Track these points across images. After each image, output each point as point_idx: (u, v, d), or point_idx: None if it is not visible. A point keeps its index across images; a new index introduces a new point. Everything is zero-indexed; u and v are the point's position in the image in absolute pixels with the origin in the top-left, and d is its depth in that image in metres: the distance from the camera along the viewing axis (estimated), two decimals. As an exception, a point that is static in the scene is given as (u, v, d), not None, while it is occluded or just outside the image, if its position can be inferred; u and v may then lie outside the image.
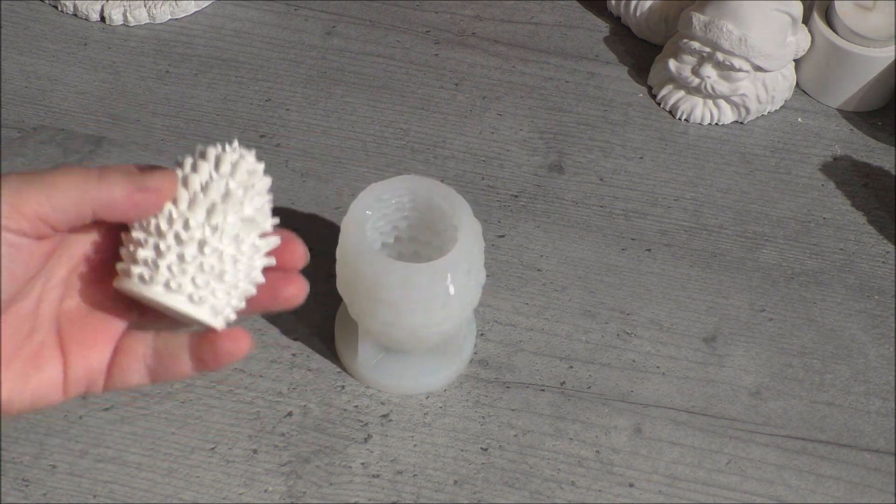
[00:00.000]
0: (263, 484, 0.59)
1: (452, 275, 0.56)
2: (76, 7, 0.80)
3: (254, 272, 0.44)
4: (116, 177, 0.41)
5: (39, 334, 0.43)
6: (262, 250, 0.44)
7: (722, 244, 0.71)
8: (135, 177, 0.41)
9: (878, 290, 0.70)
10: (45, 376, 0.42)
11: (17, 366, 0.42)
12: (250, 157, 0.44)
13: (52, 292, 0.43)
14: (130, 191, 0.41)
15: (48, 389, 0.42)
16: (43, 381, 0.42)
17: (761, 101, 0.77)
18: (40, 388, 0.42)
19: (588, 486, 0.61)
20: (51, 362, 0.43)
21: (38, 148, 0.73)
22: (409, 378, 0.63)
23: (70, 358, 0.43)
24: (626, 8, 0.82)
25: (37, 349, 0.43)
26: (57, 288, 0.43)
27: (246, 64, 0.79)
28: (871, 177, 0.76)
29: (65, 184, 0.40)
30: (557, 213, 0.72)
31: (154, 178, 0.41)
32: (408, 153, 0.75)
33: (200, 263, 0.42)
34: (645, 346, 0.66)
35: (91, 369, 0.43)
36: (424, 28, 0.82)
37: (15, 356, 0.42)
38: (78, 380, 0.43)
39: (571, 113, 0.78)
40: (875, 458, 0.63)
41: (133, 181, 0.41)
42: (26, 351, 0.42)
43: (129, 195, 0.41)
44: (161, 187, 0.41)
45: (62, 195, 0.40)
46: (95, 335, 0.43)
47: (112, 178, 0.41)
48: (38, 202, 0.40)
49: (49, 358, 0.43)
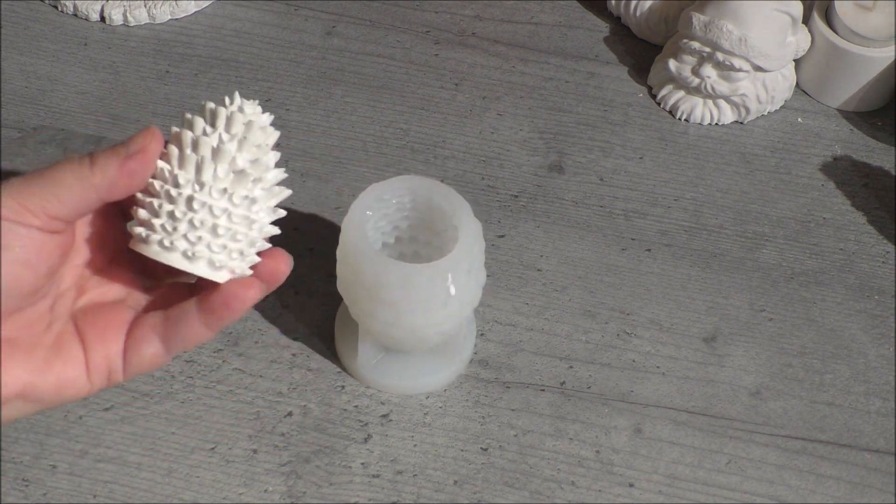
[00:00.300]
0: (263, 484, 0.59)
1: (453, 275, 0.57)
2: (76, 7, 0.80)
3: (256, 223, 0.44)
4: (105, 156, 0.42)
5: (58, 325, 0.45)
6: (263, 201, 0.44)
7: (722, 244, 0.71)
8: (119, 149, 0.43)
9: (878, 290, 0.70)
10: (67, 362, 0.44)
11: (38, 353, 0.43)
12: (249, 109, 0.44)
13: (66, 294, 0.45)
14: (121, 162, 0.42)
15: (72, 375, 0.44)
16: (66, 366, 0.44)
17: (761, 101, 0.77)
18: (64, 374, 0.44)
19: (588, 486, 0.61)
20: (72, 349, 0.44)
21: (38, 148, 0.73)
22: (409, 378, 0.63)
23: (89, 347, 0.44)
24: (626, 8, 0.82)
25: (57, 338, 0.44)
26: (70, 290, 0.45)
27: (246, 64, 0.79)
28: (871, 177, 0.76)
29: (64, 177, 0.42)
30: (557, 213, 0.72)
31: (136, 141, 0.43)
32: (408, 153, 0.75)
33: (191, 220, 0.43)
34: (645, 346, 0.66)
35: (109, 356, 0.44)
36: (424, 28, 0.82)
37: (36, 345, 0.44)
38: (99, 367, 0.44)
39: (571, 113, 0.78)
40: (875, 458, 0.63)
41: (119, 153, 0.42)
42: (47, 339, 0.44)
43: (121, 166, 0.42)
44: (146, 145, 0.43)
45: (65, 189, 0.42)
46: (108, 326, 0.45)
47: (101, 160, 0.42)
48: (45, 199, 0.41)
49: (69, 345, 0.44)
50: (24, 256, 0.41)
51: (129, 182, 0.43)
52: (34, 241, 0.41)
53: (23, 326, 0.43)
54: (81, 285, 0.46)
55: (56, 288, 0.45)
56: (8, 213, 0.41)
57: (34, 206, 0.41)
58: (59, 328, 0.44)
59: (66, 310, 0.45)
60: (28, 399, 0.43)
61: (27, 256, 0.41)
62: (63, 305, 0.45)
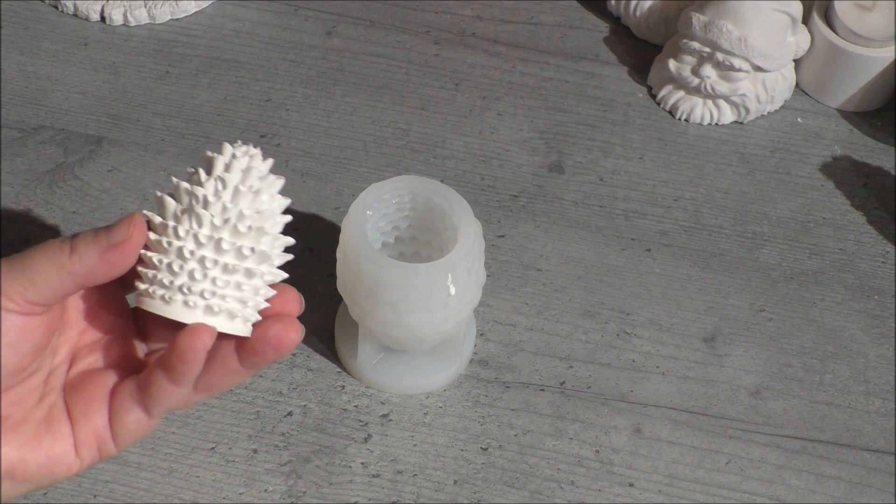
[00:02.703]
0: (263, 484, 0.60)
1: (453, 275, 0.57)
2: (76, 7, 0.80)
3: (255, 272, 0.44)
4: (85, 244, 0.42)
5: (49, 399, 0.44)
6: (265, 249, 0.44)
7: (722, 244, 0.71)
8: (101, 237, 0.42)
9: (878, 290, 0.70)
10: (56, 438, 0.43)
11: (28, 428, 0.43)
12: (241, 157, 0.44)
13: (60, 367, 0.45)
14: (101, 253, 0.42)
15: (61, 450, 0.43)
16: (55, 442, 0.43)
17: (761, 101, 0.77)
18: (53, 450, 0.43)
19: (588, 485, 0.61)
20: (61, 424, 0.44)
21: (38, 148, 0.73)
22: (409, 378, 0.63)
23: (75, 421, 0.44)
24: (626, 8, 0.82)
25: (48, 413, 0.44)
26: (64, 363, 0.45)
27: (246, 64, 0.79)
28: (871, 177, 0.76)
29: (42, 264, 0.41)
30: (557, 213, 0.72)
31: (119, 231, 0.42)
32: (408, 153, 0.75)
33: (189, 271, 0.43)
34: (645, 346, 0.66)
35: (97, 429, 0.44)
36: (424, 28, 0.82)
37: (25, 420, 0.43)
38: (87, 442, 0.44)
39: (571, 113, 0.78)
40: (875, 458, 0.63)
41: (100, 242, 0.42)
42: (38, 414, 0.44)
43: (101, 258, 0.42)
44: (128, 237, 0.42)
45: (42, 276, 0.41)
46: (92, 397, 0.44)
47: (81, 248, 0.42)
48: (23, 286, 0.41)
49: (59, 420, 0.44)
50: (6, 339, 0.41)
51: (108, 271, 0.42)
52: (14, 324, 0.41)
53: (12, 403, 0.43)
54: (75, 355, 0.46)
55: (50, 361, 0.44)
56: None
57: (12, 292, 0.41)
58: (51, 402, 0.44)
59: (60, 382, 0.45)
60: (16, 478, 0.42)
61: (8, 339, 0.41)
62: (57, 378, 0.45)
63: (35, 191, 0.71)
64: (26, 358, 0.42)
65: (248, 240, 0.43)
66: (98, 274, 0.42)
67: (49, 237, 0.68)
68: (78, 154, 0.73)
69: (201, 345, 0.42)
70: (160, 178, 0.72)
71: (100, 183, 0.71)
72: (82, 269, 0.41)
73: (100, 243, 0.42)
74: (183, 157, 0.73)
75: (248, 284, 0.43)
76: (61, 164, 0.72)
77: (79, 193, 0.71)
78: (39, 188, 0.71)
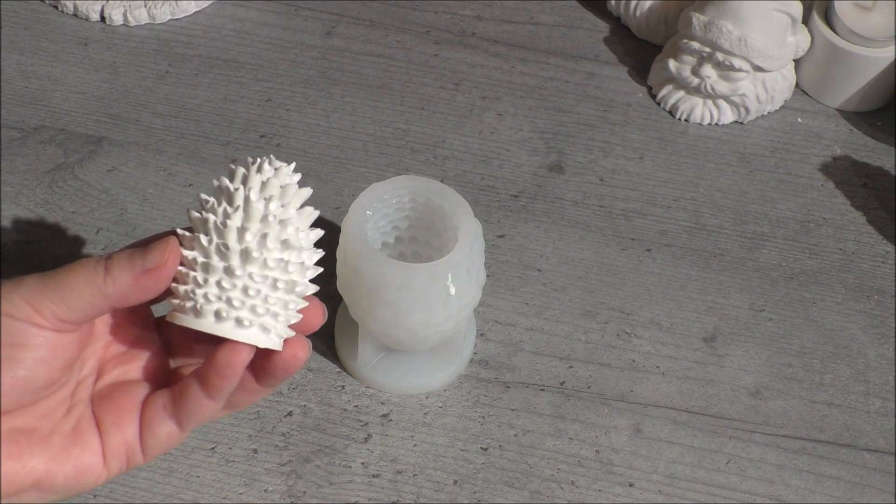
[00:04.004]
0: (263, 484, 0.60)
1: (453, 275, 0.57)
2: (76, 7, 0.80)
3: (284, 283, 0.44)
4: (120, 267, 0.42)
5: (77, 411, 0.45)
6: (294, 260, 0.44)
7: (722, 244, 0.71)
8: (136, 260, 0.42)
9: (878, 289, 0.70)
10: (84, 449, 0.44)
11: (56, 441, 0.43)
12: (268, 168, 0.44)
13: (87, 379, 0.45)
14: (135, 277, 0.42)
15: (89, 461, 0.44)
16: (83, 453, 0.44)
17: (761, 101, 0.77)
18: (81, 461, 0.43)
19: (588, 485, 0.61)
20: (89, 435, 0.44)
21: (38, 148, 0.73)
22: (409, 378, 0.63)
23: (105, 432, 0.44)
24: (626, 8, 0.82)
25: (76, 424, 0.44)
26: (91, 374, 0.45)
27: (246, 64, 0.79)
28: (871, 177, 0.76)
29: (77, 284, 0.42)
30: (557, 213, 0.72)
31: (154, 255, 0.42)
32: (408, 153, 0.75)
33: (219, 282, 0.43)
34: (645, 345, 0.66)
35: (127, 440, 0.44)
36: (424, 28, 0.82)
37: (54, 433, 0.44)
38: (117, 452, 0.44)
39: (571, 113, 0.78)
40: (875, 458, 0.63)
41: (135, 266, 0.42)
42: (66, 426, 0.44)
43: (135, 282, 0.42)
44: (163, 262, 0.42)
45: (76, 296, 0.42)
46: (123, 409, 0.45)
47: (116, 270, 0.42)
48: (56, 304, 0.41)
49: (87, 431, 0.44)
50: (37, 355, 0.41)
51: (142, 295, 0.42)
52: (46, 339, 0.41)
53: (41, 416, 0.43)
54: (102, 367, 0.46)
55: (77, 374, 0.45)
56: (19, 314, 0.41)
57: (45, 310, 0.41)
58: (78, 413, 0.44)
59: (87, 393, 0.45)
60: (44, 489, 0.43)
61: (40, 355, 0.41)
62: (85, 390, 0.45)
63: (35, 191, 0.71)
64: (57, 373, 0.42)
65: (289, 254, 0.43)
66: (131, 297, 0.42)
67: (49, 237, 0.68)
68: (78, 154, 0.73)
69: (240, 360, 0.42)
70: (160, 178, 0.72)
71: (100, 183, 0.71)
72: (116, 291, 0.42)
73: (134, 267, 0.42)
74: (183, 157, 0.73)
75: (282, 298, 0.43)
76: (61, 164, 0.72)
77: (79, 193, 0.71)
78: (39, 188, 0.71)
